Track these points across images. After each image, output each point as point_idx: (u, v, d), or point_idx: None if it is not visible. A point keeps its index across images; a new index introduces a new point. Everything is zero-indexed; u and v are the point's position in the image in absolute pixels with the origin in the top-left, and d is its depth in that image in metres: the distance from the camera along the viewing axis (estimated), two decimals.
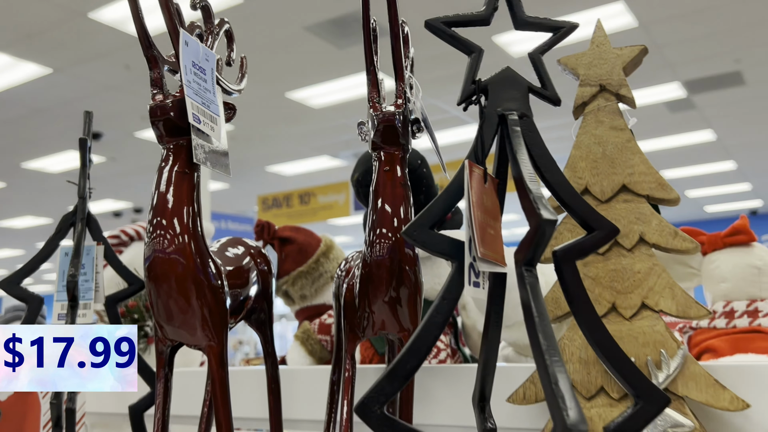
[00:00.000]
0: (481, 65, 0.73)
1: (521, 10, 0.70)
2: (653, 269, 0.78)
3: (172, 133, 0.76)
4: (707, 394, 0.73)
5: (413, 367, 0.58)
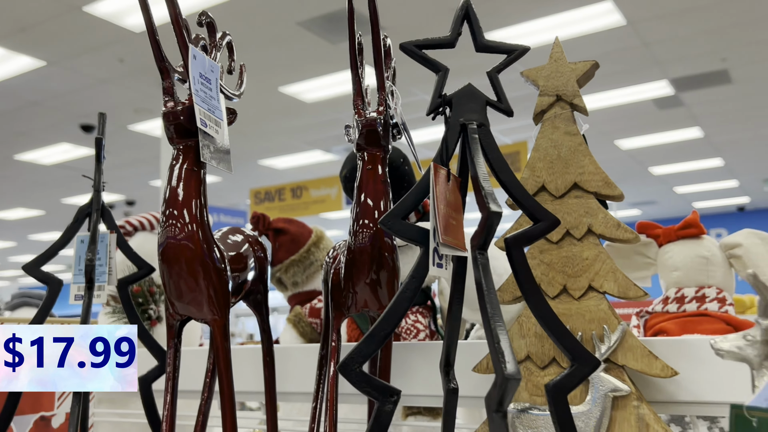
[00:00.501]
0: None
1: (481, 35, 0.82)
2: (599, 256, 0.90)
3: (182, 135, 0.87)
4: (642, 363, 0.86)
5: (387, 333, 0.70)
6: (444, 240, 0.69)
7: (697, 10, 6.87)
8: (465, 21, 0.81)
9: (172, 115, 0.86)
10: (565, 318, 0.89)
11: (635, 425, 0.84)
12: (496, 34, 7.12)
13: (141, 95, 8.27)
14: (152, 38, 0.88)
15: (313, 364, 1.11)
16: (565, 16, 6.89)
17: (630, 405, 0.85)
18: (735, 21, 7.17)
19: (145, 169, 10.96)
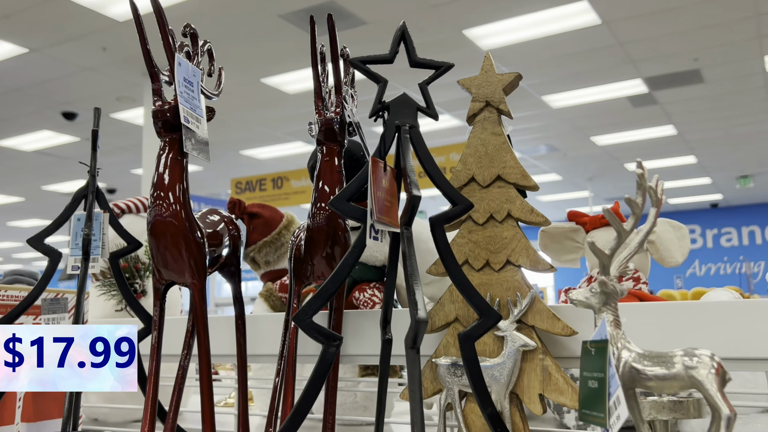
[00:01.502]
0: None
1: (414, 53, 0.99)
2: (515, 236, 1.08)
3: (168, 129, 1.04)
4: (547, 323, 1.04)
5: (333, 291, 0.87)
6: (378, 218, 0.87)
7: (670, 11, 7.10)
8: (402, 41, 0.98)
9: (160, 113, 1.03)
10: (487, 287, 1.07)
11: (540, 374, 1.03)
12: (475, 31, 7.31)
13: (123, 84, 8.36)
14: (143, 47, 1.04)
15: (279, 330, 1.28)
16: (542, 14, 7.09)
17: (537, 358, 1.04)
18: (707, 23, 7.40)
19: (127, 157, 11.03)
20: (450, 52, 7.50)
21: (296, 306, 1.13)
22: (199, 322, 1.05)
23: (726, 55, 8.28)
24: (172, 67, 1.04)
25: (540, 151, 12.48)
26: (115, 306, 1.71)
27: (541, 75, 8.77)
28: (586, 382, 0.73)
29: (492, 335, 1.06)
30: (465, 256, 1.10)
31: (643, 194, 0.77)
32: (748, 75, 8.93)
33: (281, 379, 1.17)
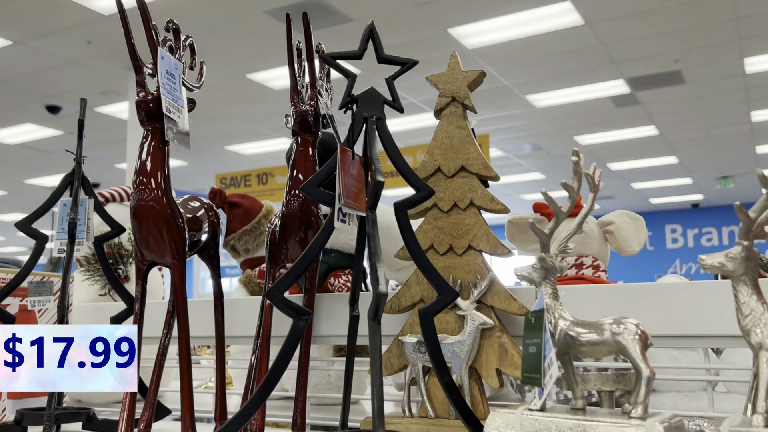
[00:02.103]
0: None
1: (381, 50, 1.06)
2: (477, 222, 1.16)
3: (150, 119, 1.11)
4: (504, 303, 1.12)
5: (303, 269, 0.94)
6: (345, 202, 0.94)
7: (652, 13, 7.21)
8: (370, 39, 1.05)
9: (143, 103, 1.10)
10: (450, 270, 1.15)
11: (497, 350, 1.10)
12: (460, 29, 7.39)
13: (108, 77, 8.36)
14: (128, 41, 1.11)
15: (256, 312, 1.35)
16: (526, 14, 7.18)
17: (494, 335, 1.11)
18: (688, 25, 7.52)
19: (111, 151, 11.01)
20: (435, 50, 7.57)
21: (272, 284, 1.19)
22: (178, 299, 1.12)
23: (706, 57, 8.42)
24: (155, 61, 1.11)
25: (524, 149, 12.59)
26: (98, 291, 1.77)
27: (524, 74, 8.87)
28: (527, 348, 0.80)
29: (454, 315, 1.14)
30: (430, 242, 1.17)
31: (579, 179, 0.84)
32: (728, 76, 9.08)
33: (257, 357, 1.24)
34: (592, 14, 7.19)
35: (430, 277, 0.97)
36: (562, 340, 0.77)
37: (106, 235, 1.34)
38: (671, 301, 1.08)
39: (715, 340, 1.07)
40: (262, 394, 0.93)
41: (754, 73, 8.90)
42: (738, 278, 0.67)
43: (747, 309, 0.66)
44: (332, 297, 1.33)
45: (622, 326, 0.73)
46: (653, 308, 1.09)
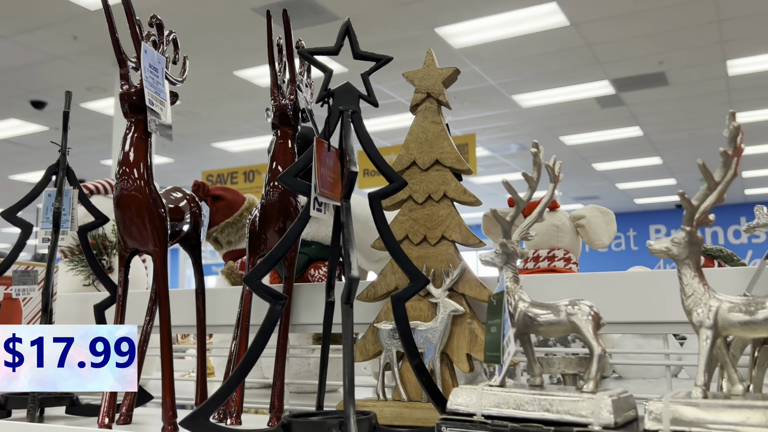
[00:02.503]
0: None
1: (357, 46, 1.10)
2: (450, 214, 1.20)
3: (134, 111, 1.14)
4: (475, 291, 1.16)
5: (279, 256, 0.98)
6: (321, 191, 0.98)
7: (637, 15, 7.29)
8: (346, 35, 1.09)
9: (127, 95, 1.13)
10: (424, 259, 1.19)
11: (468, 336, 1.15)
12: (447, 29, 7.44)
13: (94, 73, 8.34)
14: (112, 35, 1.14)
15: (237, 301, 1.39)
16: (512, 14, 7.25)
17: (465, 322, 1.16)
18: (672, 27, 7.62)
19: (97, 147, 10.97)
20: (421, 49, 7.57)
21: None
22: (160, 285, 1.15)
23: (690, 59, 8.52)
24: (138, 54, 1.14)
25: (511, 149, 12.68)
26: (82, 281, 1.80)
27: (511, 74, 8.94)
28: (489, 329, 0.85)
29: (427, 302, 1.18)
30: (405, 232, 1.22)
31: (538, 170, 0.89)
32: (711, 78, 9.19)
33: (236, 344, 1.28)
34: (577, 15, 7.26)
35: (402, 265, 1.01)
36: (521, 321, 0.81)
37: (89, 224, 1.37)
38: (634, 289, 1.13)
39: (676, 326, 1.12)
40: (239, 375, 0.97)
41: (736, 75, 9.03)
42: (682, 262, 0.72)
43: (690, 290, 0.71)
44: (311, 286, 1.37)
45: (577, 307, 0.78)
46: (617, 296, 1.14)
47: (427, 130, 1.24)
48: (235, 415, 1.14)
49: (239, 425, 1.13)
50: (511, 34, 7.68)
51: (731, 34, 7.72)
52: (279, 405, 1.16)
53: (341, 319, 0.93)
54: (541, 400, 0.74)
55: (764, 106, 10.34)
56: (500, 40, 7.76)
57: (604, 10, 7.17)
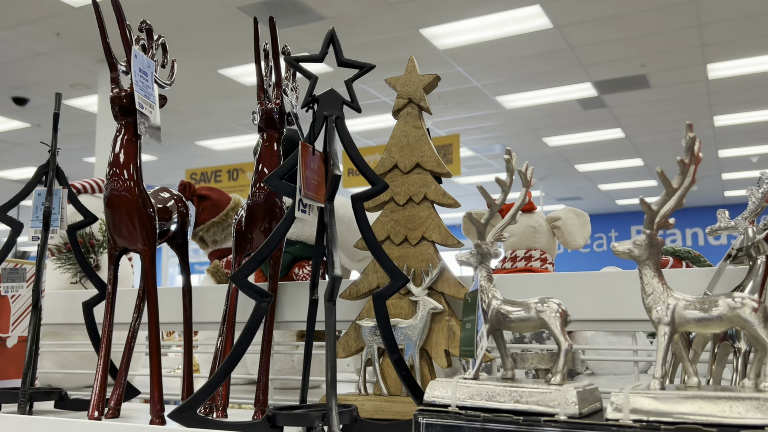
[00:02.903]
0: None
1: (341, 54, 1.15)
2: (430, 215, 1.25)
3: (124, 114, 1.18)
4: (453, 290, 1.21)
5: (266, 255, 1.02)
6: (306, 194, 1.02)
7: (619, 18, 7.40)
8: (330, 44, 1.13)
9: (117, 99, 1.17)
10: (404, 258, 1.24)
11: (446, 333, 1.20)
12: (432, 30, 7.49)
13: (78, 70, 8.30)
14: (104, 40, 1.18)
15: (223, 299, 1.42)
16: (497, 16, 7.32)
17: (444, 319, 1.20)
18: (653, 30, 7.73)
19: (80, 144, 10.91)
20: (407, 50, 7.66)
21: None
22: (148, 282, 1.19)
23: (671, 62, 8.65)
24: (128, 59, 1.18)
25: (494, 150, 12.77)
26: (70, 279, 1.82)
27: (495, 76, 9.02)
28: (464, 325, 0.89)
29: (407, 300, 1.23)
30: (387, 233, 1.26)
31: (510, 175, 0.94)
32: (691, 81, 9.33)
33: (222, 340, 1.31)
34: (560, 18, 7.35)
35: (383, 264, 1.06)
36: (494, 317, 0.86)
37: (78, 223, 1.40)
38: (605, 288, 1.19)
39: (644, 324, 1.18)
40: (226, 369, 1.01)
41: (716, 78, 9.17)
42: (643, 263, 0.77)
43: (650, 289, 0.76)
44: (295, 284, 1.41)
45: (546, 305, 0.83)
46: (589, 295, 1.19)
47: (409, 135, 1.29)
48: (221, 409, 1.17)
49: (225, 418, 1.17)
50: (495, 36, 7.76)
51: (711, 38, 7.85)
52: (264, 399, 1.20)
53: (324, 317, 0.97)
54: (512, 391, 0.78)
55: (743, 109, 10.51)
56: (484, 41, 7.84)
57: (587, 13, 7.26)
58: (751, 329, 0.69)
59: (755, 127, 11.28)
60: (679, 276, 1.03)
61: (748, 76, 9.02)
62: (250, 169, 12.60)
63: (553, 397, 0.75)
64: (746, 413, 0.66)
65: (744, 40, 7.91)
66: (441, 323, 1.20)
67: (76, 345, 1.82)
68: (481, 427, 0.77)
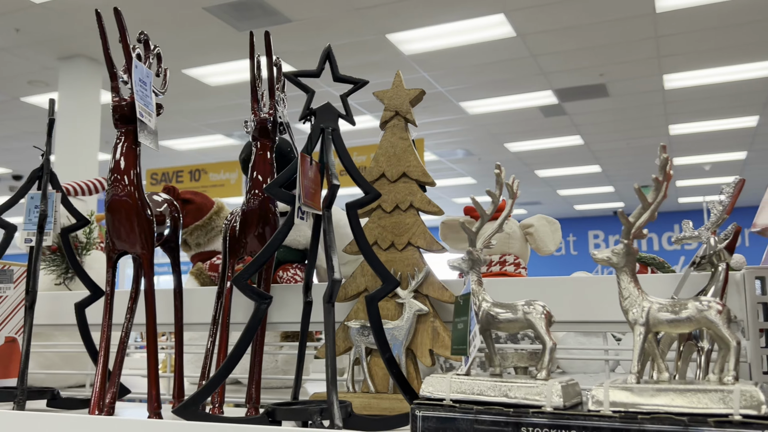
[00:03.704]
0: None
1: (337, 70, 1.21)
2: (416, 222, 1.32)
3: (124, 122, 1.22)
4: (438, 293, 1.29)
5: (265, 259, 1.08)
6: (305, 201, 1.09)
7: (580, 28, 7.60)
8: (327, 60, 1.20)
9: (119, 107, 1.21)
10: (392, 263, 1.31)
11: (431, 333, 1.27)
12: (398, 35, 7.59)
13: (36, 66, 8.15)
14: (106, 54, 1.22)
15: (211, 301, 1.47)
16: (462, 24, 7.46)
17: (428, 321, 1.28)
18: (612, 41, 7.96)
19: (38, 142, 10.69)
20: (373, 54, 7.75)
21: (231, 276, 1.33)
22: (147, 285, 1.24)
23: (629, 72, 8.92)
24: (129, 69, 1.22)
25: (457, 155, 12.95)
26: (54, 280, 1.84)
27: (459, 82, 9.16)
28: (456, 326, 0.97)
29: (394, 303, 1.30)
30: (375, 238, 1.33)
31: (500, 188, 1.02)
32: (648, 91, 9.63)
33: (213, 342, 1.36)
34: (524, 27, 7.53)
35: (376, 269, 1.13)
36: (484, 319, 0.93)
37: (71, 226, 1.43)
38: (578, 292, 1.27)
39: (614, 325, 1.27)
40: (227, 368, 1.07)
41: (672, 89, 9.48)
42: (621, 269, 0.85)
43: (627, 293, 0.84)
44: (283, 287, 1.47)
45: (532, 307, 0.91)
46: (562, 298, 1.28)
47: (396, 146, 1.36)
48: (218, 406, 1.23)
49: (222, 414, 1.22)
50: (460, 43, 7.90)
51: (668, 49, 8.13)
52: (256, 396, 1.25)
53: (323, 317, 1.03)
54: (502, 386, 0.86)
55: (697, 119, 10.88)
56: (449, 48, 7.97)
57: (549, 23, 7.45)
58: (716, 329, 0.78)
59: (708, 136, 11.69)
60: (648, 281, 1.12)
61: (703, 87, 9.36)
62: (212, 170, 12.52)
63: (540, 391, 0.83)
64: (712, 404, 0.74)
65: (699, 53, 8.21)
66: (426, 324, 1.28)
67: (59, 346, 1.84)
68: (474, 418, 0.84)
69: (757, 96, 9.66)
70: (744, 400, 0.72)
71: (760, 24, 7.38)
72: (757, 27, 7.47)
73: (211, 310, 1.47)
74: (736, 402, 0.72)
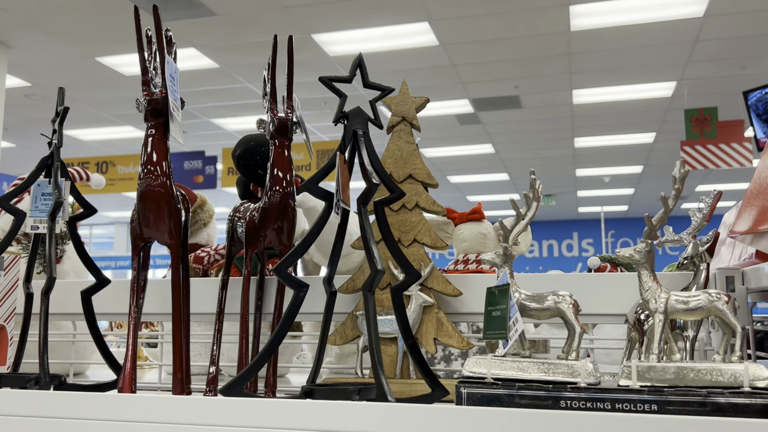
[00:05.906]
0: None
1: (367, 78, 1.31)
2: (421, 221, 1.43)
3: (155, 116, 1.27)
4: (441, 286, 1.40)
5: (304, 250, 1.17)
6: (343, 197, 1.18)
7: (499, 41, 7.93)
8: (358, 68, 1.29)
9: (153, 101, 1.25)
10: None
11: (435, 323, 1.38)
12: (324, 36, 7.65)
13: None
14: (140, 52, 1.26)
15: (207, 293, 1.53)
16: (387, 29, 7.62)
17: (433, 312, 1.39)
18: (528, 55, 8.35)
19: None
20: (298, 53, 7.77)
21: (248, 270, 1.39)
22: (174, 275, 1.28)
23: (541, 86, 9.38)
24: (162, 66, 1.27)
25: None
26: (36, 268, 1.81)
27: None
28: (490, 313, 1.08)
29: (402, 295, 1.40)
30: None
31: (533, 193, 1.15)
32: (558, 105, 10.15)
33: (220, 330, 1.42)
34: (446, 36, 7.78)
35: (400, 262, 1.23)
36: (519, 307, 1.06)
37: (78, 215, 1.45)
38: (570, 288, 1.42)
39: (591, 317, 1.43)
40: (268, 351, 1.14)
41: (580, 104, 10.04)
42: (642, 265, 1.00)
43: (647, 286, 0.99)
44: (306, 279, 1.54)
45: (561, 296, 1.04)
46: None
47: (402, 149, 1.46)
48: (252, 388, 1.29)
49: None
50: (384, 48, 8.06)
51: (578, 66, 8.62)
52: (273, 381, 1.32)
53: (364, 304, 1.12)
54: (540, 365, 0.99)
55: (601, 133, 11.56)
56: (373, 52, 8.12)
57: (471, 34, 7.73)
58: (725, 317, 0.94)
59: (610, 150, 12.44)
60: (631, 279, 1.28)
61: (608, 104, 9.97)
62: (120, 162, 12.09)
63: (576, 369, 0.96)
64: (725, 379, 0.90)
65: (607, 71, 8.76)
66: (431, 315, 1.39)
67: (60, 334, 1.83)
68: (517, 393, 0.96)
69: (655, 114, 10.40)
70: (752, 375, 0.88)
71: (662, 48, 7.98)
72: (659, 50, 8.07)
73: (208, 301, 1.53)
74: (746, 377, 0.88)
